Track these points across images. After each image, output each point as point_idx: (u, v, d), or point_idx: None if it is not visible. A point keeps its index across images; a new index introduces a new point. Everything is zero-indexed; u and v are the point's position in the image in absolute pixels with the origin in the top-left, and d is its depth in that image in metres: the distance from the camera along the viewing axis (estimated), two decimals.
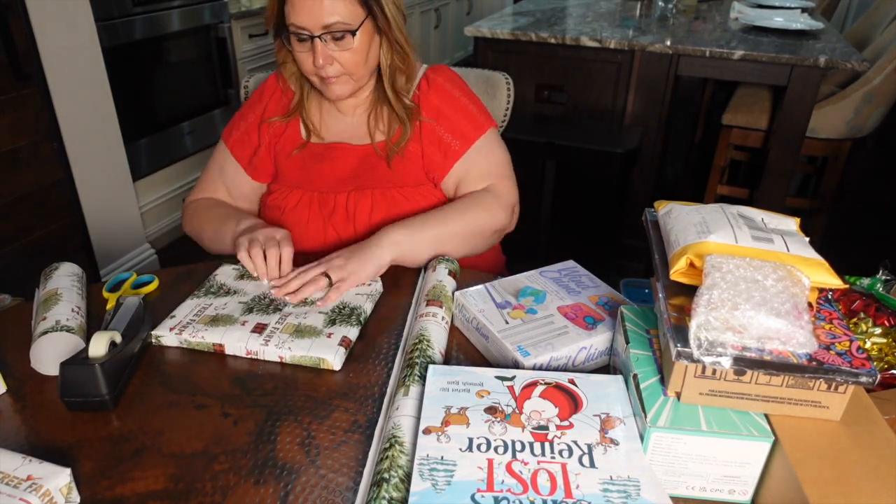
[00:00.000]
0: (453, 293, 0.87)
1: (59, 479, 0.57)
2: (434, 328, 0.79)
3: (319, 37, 0.96)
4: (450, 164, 1.10)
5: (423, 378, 0.69)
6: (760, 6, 2.83)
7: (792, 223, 0.72)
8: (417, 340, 0.76)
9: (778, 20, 2.52)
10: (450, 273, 0.91)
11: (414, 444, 0.60)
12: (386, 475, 0.58)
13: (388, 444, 0.61)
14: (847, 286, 0.67)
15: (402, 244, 0.97)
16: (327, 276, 0.91)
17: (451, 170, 1.10)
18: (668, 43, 2.23)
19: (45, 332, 0.75)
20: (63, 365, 0.70)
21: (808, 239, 0.69)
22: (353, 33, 0.97)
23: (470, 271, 1.00)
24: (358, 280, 0.92)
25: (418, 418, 0.64)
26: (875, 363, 0.66)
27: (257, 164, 1.12)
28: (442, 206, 1.08)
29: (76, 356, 0.72)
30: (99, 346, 0.72)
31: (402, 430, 0.63)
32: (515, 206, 1.13)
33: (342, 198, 1.08)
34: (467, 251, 1.06)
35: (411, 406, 0.66)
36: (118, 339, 0.75)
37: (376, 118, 1.10)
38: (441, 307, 0.83)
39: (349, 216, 1.08)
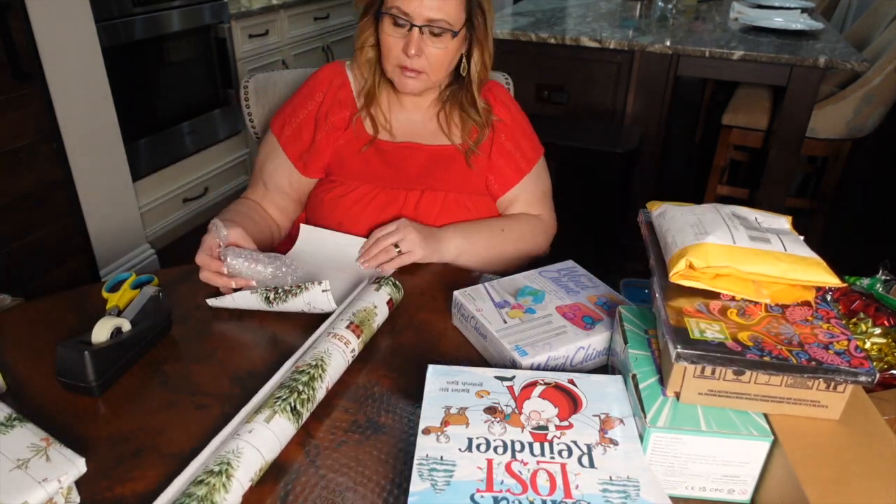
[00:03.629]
0: (379, 326, 0.82)
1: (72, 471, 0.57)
2: (336, 358, 0.73)
3: (420, 27, 0.98)
4: (516, 179, 1.14)
5: (294, 412, 0.64)
6: (760, 6, 2.83)
7: (785, 222, 0.72)
8: (314, 365, 0.70)
9: (778, 20, 2.52)
10: (389, 301, 0.85)
11: (243, 487, 0.57)
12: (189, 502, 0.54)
13: (216, 468, 0.57)
14: (846, 286, 0.68)
15: (462, 255, 1.03)
16: (396, 245, 0.97)
17: (514, 186, 1.14)
18: (668, 43, 2.23)
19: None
20: (58, 346, 0.72)
21: (802, 237, 0.69)
22: (454, 35, 1.00)
23: (471, 272, 1.00)
24: (413, 258, 0.98)
25: (264, 457, 0.60)
26: (874, 363, 0.66)
27: (309, 161, 1.10)
28: (499, 221, 1.12)
29: (74, 339, 0.73)
30: (102, 331, 0.73)
31: (241, 460, 0.58)
32: (551, 237, 1.21)
33: (414, 195, 1.07)
34: (500, 271, 1.06)
35: (266, 439, 0.60)
36: (126, 326, 0.76)
37: (447, 119, 1.11)
38: (359, 336, 0.77)
39: (417, 214, 1.07)
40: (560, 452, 0.58)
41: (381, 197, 1.07)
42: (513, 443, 0.59)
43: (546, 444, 0.59)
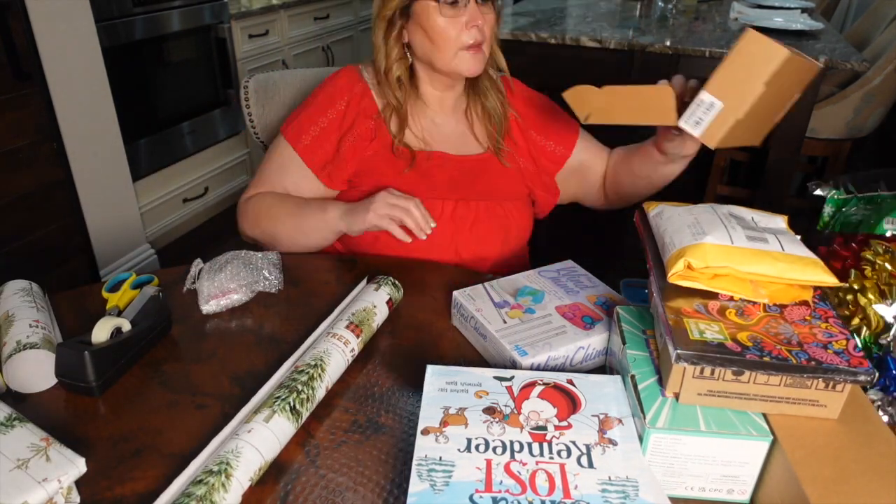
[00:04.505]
0: (378, 326, 0.82)
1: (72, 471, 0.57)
2: (336, 358, 0.73)
3: None
4: (574, 136, 1.16)
5: (293, 412, 0.65)
6: (760, 6, 2.83)
7: (781, 221, 0.72)
8: (314, 365, 0.70)
9: (778, 20, 2.52)
10: (388, 301, 0.85)
11: (242, 486, 0.57)
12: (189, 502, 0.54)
13: (216, 468, 0.57)
14: (843, 284, 0.67)
15: None
16: None
17: (577, 142, 1.16)
18: (668, 43, 2.23)
19: (10, 357, 0.73)
20: (58, 346, 0.72)
21: (799, 237, 0.69)
22: None
23: (470, 272, 1.00)
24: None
25: (263, 457, 0.60)
26: None
27: (334, 172, 1.07)
28: None
29: (75, 339, 0.73)
30: (102, 331, 0.73)
31: (240, 460, 0.58)
32: None
33: (449, 205, 1.07)
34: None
35: (265, 439, 0.61)
36: (126, 326, 0.76)
37: (472, 121, 1.12)
38: (358, 336, 0.77)
39: (454, 224, 1.07)
40: (559, 453, 0.58)
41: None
42: (511, 443, 0.59)
43: (545, 445, 0.59)
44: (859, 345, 0.60)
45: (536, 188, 1.15)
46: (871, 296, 0.69)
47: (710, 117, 0.78)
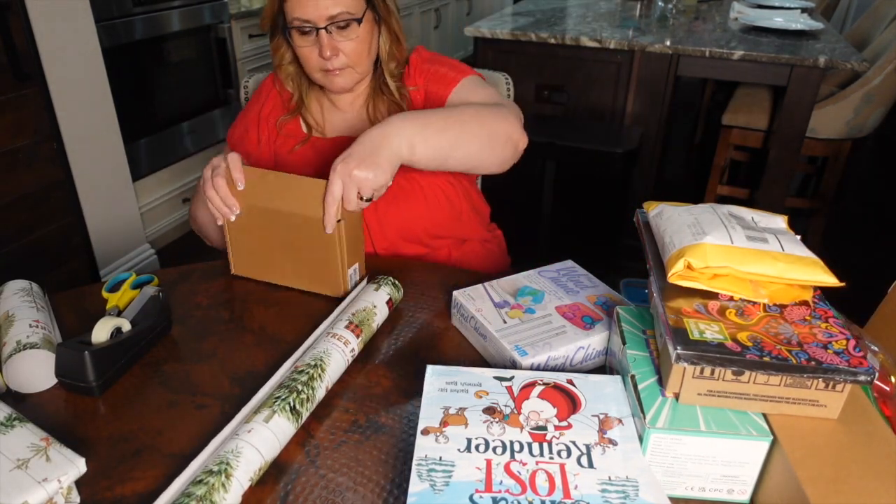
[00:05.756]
0: (378, 326, 0.82)
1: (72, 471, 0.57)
2: (336, 358, 0.73)
3: (325, 28, 0.98)
4: (457, 78, 1.09)
5: (293, 412, 0.65)
6: (760, 6, 2.83)
7: (781, 221, 0.72)
8: (314, 365, 0.70)
9: (778, 20, 2.52)
10: (388, 301, 0.85)
11: (242, 486, 0.57)
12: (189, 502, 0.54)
13: (216, 468, 0.57)
14: (843, 284, 0.68)
15: (417, 147, 0.87)
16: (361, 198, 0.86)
17: (457, 85, 1.07)
18: (668, 43, 2.23)
19: (10, 357, 0.73)
20: (58, 346, 0.73)
21: (798, 237, 0.69)
22: (359, 22, 1.00)
23: (470, 272, 1.00)
24: (369, 195, 0.85)
25: (263, 457, 0.60)
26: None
27: (255, 163, 1.13)
28: (454, 107, 1.00)
29: (75, 339, 0.73)
30: (102, 331, 0.74)
31: (240, 460, 0.58)
32: (522, 127, 1.02)
33: None
34: (483, 155, 0.97)
35: (265, 439, 0.61)
36: (126, 326, 0.76)
37: (374, 109, 1.13)
38: (358, 336, 0.77)
39: (373, 204, 1.06)
40: (559, 453, 0.58)
41: None
42: (512, 443, 0.59)
43: (545, 445, 0.59)
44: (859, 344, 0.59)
45: None
46: None
47: None
